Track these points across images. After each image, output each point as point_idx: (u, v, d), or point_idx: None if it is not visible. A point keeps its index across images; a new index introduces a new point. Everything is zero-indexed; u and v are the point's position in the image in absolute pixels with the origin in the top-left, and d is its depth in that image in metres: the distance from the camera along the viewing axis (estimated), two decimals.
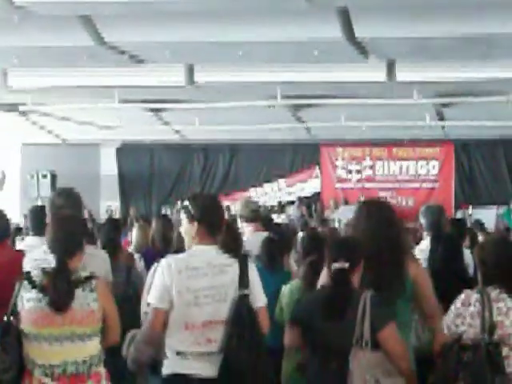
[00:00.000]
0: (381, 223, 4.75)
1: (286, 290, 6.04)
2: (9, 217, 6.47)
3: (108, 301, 4.38)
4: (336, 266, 4.45)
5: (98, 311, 4.28)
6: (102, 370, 4.38)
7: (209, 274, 4.30)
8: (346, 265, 4.44)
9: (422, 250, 6.69)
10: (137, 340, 4.44)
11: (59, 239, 4.35)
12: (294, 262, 7.31)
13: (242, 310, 4.26)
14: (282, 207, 21.32)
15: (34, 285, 4.25)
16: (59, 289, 4.18)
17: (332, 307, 4.41)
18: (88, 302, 4.23)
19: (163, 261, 4.40)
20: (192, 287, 4.26)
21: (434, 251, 6.38)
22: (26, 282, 4.28)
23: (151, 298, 4.33)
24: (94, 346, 4.33)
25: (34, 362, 4.24)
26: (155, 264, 5.01)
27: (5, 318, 4.29)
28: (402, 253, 4.79)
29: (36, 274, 4.32)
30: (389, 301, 4.51)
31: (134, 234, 9.39)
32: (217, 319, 4.27)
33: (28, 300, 4.23)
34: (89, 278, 4.29)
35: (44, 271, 4.31)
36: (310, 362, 4.58)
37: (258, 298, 4.39)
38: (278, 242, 6.88)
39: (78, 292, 4.22)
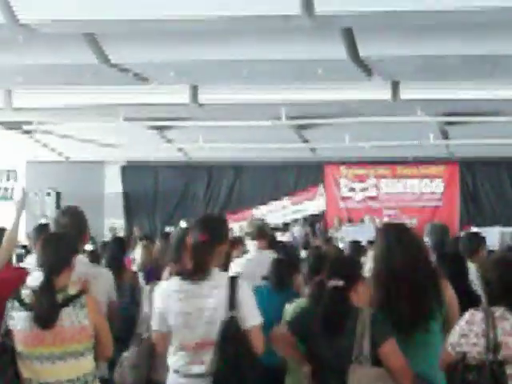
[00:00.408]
0: (415, 247, 4.80)
1: (289, 308, 6.01)
2: None
3: (98, 316, 4.35)
4: (331, 283, 4.46)
5: (89, 327, 4.23)
6: None
7: (198, 297, 4.30)
8: (341, 283, 4.44)
9: None
10: (123, 365, 4.49)
11: (45, 257, 4.31)
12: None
13: (227, 332, 4.24)
14: (286, 226, 21.31)
15: (23, 304, 4.22)
16: (43, 306, 4.13)
17: (329, 324, 4.40)
18: (79, 319, 4.18)
19: (157, 286, 4.52)
20: (183, 310, 4.29)
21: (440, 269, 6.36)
22: (16, 302, 4.26)
23: (152, 322, 4.42)
24: (88, 363, 4.29)
25: (30, 380, 4.21)
26: (147, 287, 5.07)
27: None
28: (438, 276, 4.86)
29: (26, 294, 4.29)
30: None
31: (138, 253, 9.41)
32: (208, 341, 4.28)
33: (18, 319, 4.20)
34: (78, 295, 4.24)
35: (33, 290, 4.28)
36: (312, 380, 4.55)
37: (249, 318, 4.33)
38: (286, 262, 6.86)
39: (68, 310, 4.17)
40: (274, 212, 22.34)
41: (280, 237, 15.97)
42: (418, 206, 22.01)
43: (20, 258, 9.48)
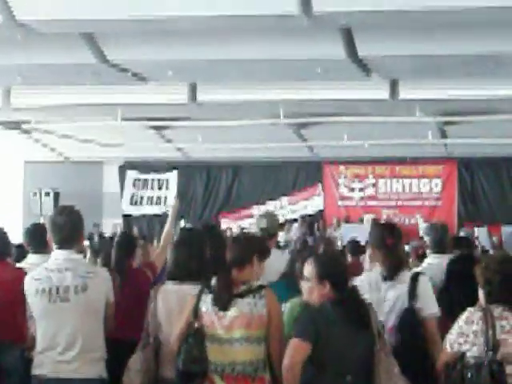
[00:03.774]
0: None
1: (285, 307, 5.96)
2: (10, 234, 6.45)
3: (273, 309, 4.64)
4: (352, 284, 4.73)
5: (265, 316, 4.58)
6: (267, 376, 4.58)
7: None
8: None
9: (426, 267, 6.69)
10: (131, 369, 4.58)
11: (231, 253, 4.76)
12: None
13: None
14: (283, 225, 21.24)
15: (211, 290, 4.66)
16: (220, 292, 4.60)
17: (359, 320, 4.48)
18: (257, 308, 4.57)
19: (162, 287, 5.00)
20: None
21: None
22: (205, 288, 4.70)
23: None
24: (261, 350, 4.59)
25: (210, 360, 4.54)
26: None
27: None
28: None
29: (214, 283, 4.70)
30: None
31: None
32: None
33: (205, 302, 4.63)
34: (259, 288, 4.66)
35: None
36: (317, 380, 4.51)
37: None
38: None
39: (248, 299, 4.59)
40: (273, 211, 22.30)
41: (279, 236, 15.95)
42: (417, 205, 21.99)
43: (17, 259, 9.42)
